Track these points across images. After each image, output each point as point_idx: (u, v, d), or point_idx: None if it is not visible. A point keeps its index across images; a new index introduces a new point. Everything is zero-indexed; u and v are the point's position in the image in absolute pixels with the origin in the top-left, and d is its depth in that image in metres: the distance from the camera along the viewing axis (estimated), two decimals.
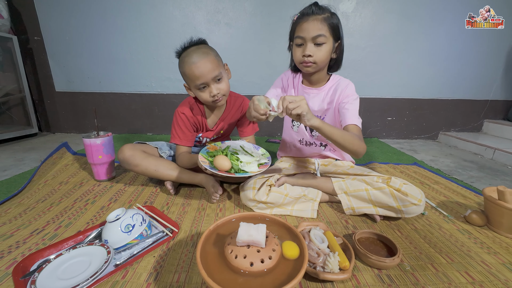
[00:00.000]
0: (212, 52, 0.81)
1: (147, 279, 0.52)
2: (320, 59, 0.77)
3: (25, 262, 0.55)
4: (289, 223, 0.48)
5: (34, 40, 1.71)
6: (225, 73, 0.85)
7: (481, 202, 0.90)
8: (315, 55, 0.76)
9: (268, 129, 1.92)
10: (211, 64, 0.78)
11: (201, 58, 0.77)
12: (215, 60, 0.80)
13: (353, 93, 0.83)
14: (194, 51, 0.79)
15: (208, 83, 0.80)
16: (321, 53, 0.76)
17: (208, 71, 0.78)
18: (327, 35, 0.75)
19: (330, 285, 0.51)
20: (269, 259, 0.39)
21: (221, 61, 0.83)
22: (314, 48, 0.76)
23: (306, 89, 0.89)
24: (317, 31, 0.73)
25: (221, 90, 0.82)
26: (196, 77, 0.78)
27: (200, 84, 0.80)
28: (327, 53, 0.77)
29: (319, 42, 0.75)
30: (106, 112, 1.87)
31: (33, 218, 0.74)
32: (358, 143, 0.70)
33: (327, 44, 0.76)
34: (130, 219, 0.64)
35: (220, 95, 0.82)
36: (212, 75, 0.78)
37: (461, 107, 1.93)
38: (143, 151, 0.91)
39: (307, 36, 0.75)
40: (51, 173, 1.04)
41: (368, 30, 1.73)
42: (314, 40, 0.75)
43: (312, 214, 0.78)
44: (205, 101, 0.85)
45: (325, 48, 0.76)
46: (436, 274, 0.55)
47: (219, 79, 0.81)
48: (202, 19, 1.68)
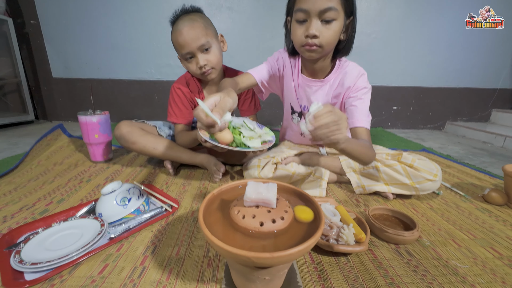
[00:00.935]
0: (201, 20, 0.75)
1: (144, 252, 0.48)
2: (327, 40, 0.60)
3: (11, 234, 0.51)
4: (300, 189, 0.43)
5: (30, 24, 1.66)
6: (217, 44, 0.79)
7: (497, 184, 0.85)
8: (322, 35, 0.59)
9: (269, 118, 1.87)
10: (197, 32, 0.72)
11: (186, 26, 0.72)
12: (202, 28, 0.74)
13: (365, 85, 0.70)
14: (181, 19, 0.74)
15: (194, 53, 0.75)
16: (329, 32, 0.59)
17: (192, 39, 0.72)
18: (339, 9, 0.57)
19: (345, 259, 0.47)
20: (281, 219, 0.34)
21: (211, 30, 0.77)
22: (321, 27, 0.58)
23: (308, 82, 0.74)
24: (326, 3, 0.56)
25: (210, 61, 0.77)
26: (180, 45, 0.74)
27: (186, 54, 0.75)
28: (336, 33, 0.60)
29: (328, 18, 0.57)
30: (104, 99, 1.82)
31: (23, 195, 0.69)
32: (371, 155, 0.62)
33: (338, 21, 0.58)
34: (126, 192, 0.59)
35: (208, 67, 0.77)
36: (197, 44, 0.73)
37: (468, 96, 1.88)
38: (141, 129, 0.87)
39: (313, 9, 0.57)
40: (45, 154, 0.99)
41: (374, 15, 1.68)
42: (321, 15, 0.57)
43: (320, 193, 0.73)
44: (194, 74, 0.81)
45: (335, 26, 0.59)
46: (459, 249, 0.51)
47: (206, 49, 0.75)
48: (204, 3, 1.63)
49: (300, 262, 0.46)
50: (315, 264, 0.46)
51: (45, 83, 1.79)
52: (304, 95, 0.77)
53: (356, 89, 0.69)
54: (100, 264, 0.44)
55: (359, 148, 0.56)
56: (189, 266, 0.44)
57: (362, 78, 0.70)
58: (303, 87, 0.76)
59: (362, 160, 0.60)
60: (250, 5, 1.64)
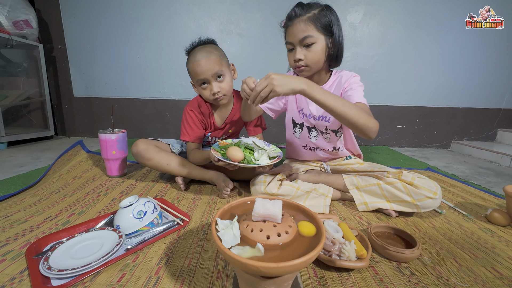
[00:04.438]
0: (216, 52, 0.84)
1: (158, 262, 0.51)
2: (311, 60, 0.72)
3: (39, 243, 0.55)
4: (304, 206, 0.47)
5: (58, 49, 1.83)
6: (229, 72, 0.87)
7: (502, 204, 0.86)
8: (306, 57, 0.72)
9: (276, 136, 1.93)
10: (212, 62, 0.81)
11: (203, 57, 0.81)
12: (217, 58, 0.83)
13: (358, 82, 0.77)
14: (198, 50, 0.83)
15: (209, 80, 0.83)
16: (311, 54, 0.71)
17: (208, 68, 0.81)
18: (315, 34, 0.70)
19: (347, 275, 0.49)
20: (285, 233, 0.38)
21: (225, 61, 0.86)
22: (304, 51, 0.72)
23: None
24: (302, 33, 0.69)
25: (222, 89, 0.85)
26: (197, 73, 0.82)
27: (201, 80, 0.83)
28: (319, 53, 0.72)
29: (308, 43, 0.70)
30: (119, 116, 1.93)
31: (47, 207, 0.75)
32: (367, 117, 0.61)
33: (318, 43, 0.71)
34: (142, 206, 0.64)
35: (221, 93, 0.85)
36: (212, 72, 0.81)
37: (473, 116, 1.90)
38: (156, 146, 0.93)
39: (294, 40, 0.71)
40: (66, 168, 1.06)
41: (376, 39, 1.77)
42: (301, 43, 0.71)
43: (324, 210, 0.76)
44: (207, 99, 0.88)
45: (315, 48, 0.71)
46: (459, 268, 0.52)
47: (219, 76, 0.84)
48: (215, 29, 1.77)
49: (304, 276, 0.49)
50: (318, 279, 0.48)
51: (66, 101, 1.93)
52: (304, 102, 0.86)
53: (349, 84, 0.76)
54: (118, 273, 0.48)
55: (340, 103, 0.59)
56: (200, 277, 0.48)
57: (355, 77, 0.78)
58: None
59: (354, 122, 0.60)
60: (258, 31, 1.77)
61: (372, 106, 1.82)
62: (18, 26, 1.53)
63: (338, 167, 0.92)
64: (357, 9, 1.73)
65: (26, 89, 1.71)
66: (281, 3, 1.68)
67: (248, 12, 1.74)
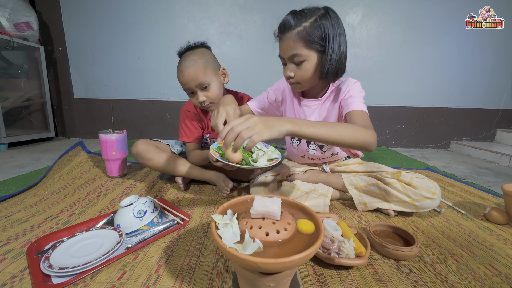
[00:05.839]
0: (201, 59, 0.80)
1: (158, 261, 0.52)
2: (302, 78, 0.68)
3: (40, 242, 0.56)
4: (303, 204, 0.47)
5: (59, 51, 1.84)
6: (216, 80, 0.83)
7: (500, 203, 0.86)
8: (296, 74, 0.68)
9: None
10: (196, 73, 0.79)
11: (187, 67, 0.79)
12: (201, 68, 0.79)
13: (357, 88, 0.73)
14: (184, 58, 0.82)
15: (194, 90, 0.83)
16: (301, 72, 0.67)
17: (191, 79, 0.80)
18: (304, 52, 0.64)
19: (346, 272, 0.49)
20: (284, 230, 0.38)
21: (210, 69, 0.82)
22: (295, 68, 0.67)
23: (306, 102, 0.79)
24: (290, 51, 0.64)
25: (209, 97, 0.83)
26: (181, 83, 0.83)
27: (187, 89, 0.84)
28: (308, 70, 0.66)
29: (297, 61, 0.66)
30: (119, 118, 1.94)
31: (47, 207, 0.75)
32: (364, 133, 0.55)
33: (308, 61, 0.65)
34: (143, 205, 0.64)
35: (207, 102, 0.84)
36: (196, 83, 0.80)
37: (472, 116, 1.91)
38: (156, 146, 0.94)
39: (284, 56, 0.67)
40: (66, 168, 1.07)
41: (374, 40, 1.78)
42: (291, 60, 0.66)
43: (324, 209, 0.76)
44: (196, 105, 0.89)
45: (305, 66, 0.66)
46: (458, 266, 0.52)
47: (205, 86, 0.81)
48: (215, 31, 1.78)
49: (303, 273, 0.49)
50: (317, 276, 0.48)
51: (66, 103, 1.93)
52: (303, 114, 0.82)
53: (349, 91, 0.72)
54: (118, 271, 0.49)
55: (334, 130, 0.53)
56: (199, 275, 0.48)
57: (356, 84, 0.74)
58: (303, 107, 0.81)
59: (351, 143, 0.54)
60: (257, 33, 1.78)
61: (371, 107, 1.84)
62: (19, 28, 1.54)
63: (337, 167, 0.92)
64: (355, 11, 1.75)
65: (27, 91, 1.72)
66: (280, 5, 1.70)
67: (247, 14, 1.76)
